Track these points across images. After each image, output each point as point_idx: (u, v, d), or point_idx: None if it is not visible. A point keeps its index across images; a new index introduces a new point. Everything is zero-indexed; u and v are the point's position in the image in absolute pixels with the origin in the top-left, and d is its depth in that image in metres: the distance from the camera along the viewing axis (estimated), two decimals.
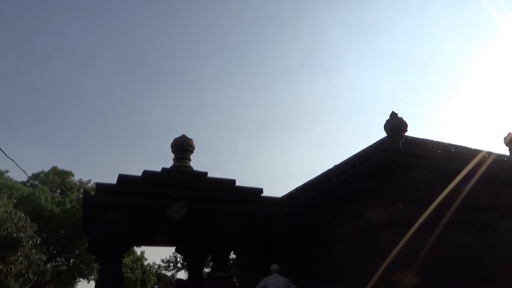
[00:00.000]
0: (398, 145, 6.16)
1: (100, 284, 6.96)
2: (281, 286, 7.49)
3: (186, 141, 9.10)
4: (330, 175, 7.17)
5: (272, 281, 7.57)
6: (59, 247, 18.36)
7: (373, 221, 6.64)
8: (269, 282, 7.56)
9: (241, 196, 8.23)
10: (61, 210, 17.84)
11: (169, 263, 37.58)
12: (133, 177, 7.93)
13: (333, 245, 7.78)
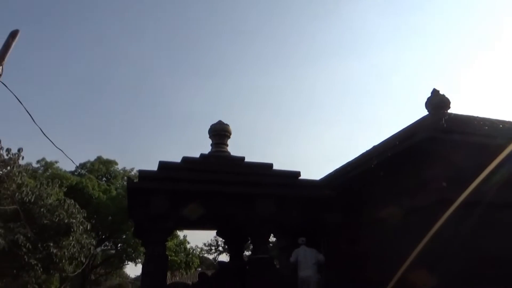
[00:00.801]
0: (441, 122, 5.92)
1: (147, 266, 7.24)
2: (310, 256, 8.02)
3: (223, 127, 9.20)
4: (370, 155, 7.02)
5: (302, 252, 8.10)
6: (107, 232, 19.28)
7: (415, 201, 6.47)
8: (299, 254, 8.08)
9: (279, 179, 8.26)
10: (108, 197, 18.67)
11: (210, 247, 38.66)
12: (173, 163, 8.13)
13: (373, 227, 7.67)
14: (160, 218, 7.17)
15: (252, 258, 7.83)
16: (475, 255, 5.82)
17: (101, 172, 20.94)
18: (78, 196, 15.91)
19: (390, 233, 7.11)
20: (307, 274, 8.06)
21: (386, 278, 6.94)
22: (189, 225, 10.17)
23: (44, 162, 19.79)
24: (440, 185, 6.04)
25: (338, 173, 8.11)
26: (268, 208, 7.65)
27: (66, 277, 17.18)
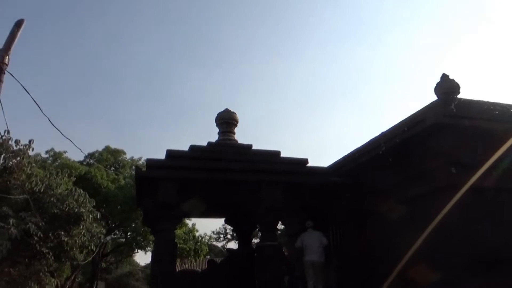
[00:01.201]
0: (450, 107, 5.84)
1: (156, 254, 7.31)
2: (314, 240, 8.29)
3: (230, 115, 9.17)
4: (378, 142, 6.96)
5: (307, 237, 8.41)
6: (117, 221, 19.50)
7: (424, 187, 6.44)
8: (304, 238, 8.40)
9: (287, 166, 8.24)
10: (116, 186, 18.83)
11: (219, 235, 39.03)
12: (180, 152, 8.14)
13: (382, 213, 7.66)
14: (168, 206, 7.21)
15: (260, 245, 7.88)
16: (484, 241, 5.79)
17: (109, 162, 21.09)
18: (87, 185, 16.07)
19: (398, 218, 7.09)
20: (312, 258, 8.30)
21: (394, 264, 6.96)
22: (198, 213, 10.23)
23: (52, 152, 19.97)
24: (449, 170, 5.99)
25: (346, 160, 8.07)
26: (276, 195, 7.65)
27: (77, 265, 17.46)
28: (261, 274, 7.71)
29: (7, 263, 9.76)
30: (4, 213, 8.36)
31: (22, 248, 9.52)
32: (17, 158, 9.77)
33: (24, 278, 9.92)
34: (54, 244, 9.60)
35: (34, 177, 9.67)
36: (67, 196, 10.07)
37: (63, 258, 10.47)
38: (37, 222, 8.58)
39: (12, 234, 7.62)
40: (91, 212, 10.27)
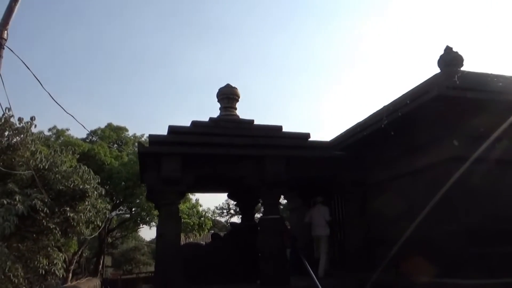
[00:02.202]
0: (454, 79, 5.79)
1: (161, 227, 7.44)
2: (320, 216, 8.84)
3: (231, 90, 9.15)
4: (381, 115, 6.94)
5: (315, 212, 9.00)
6: (121, 197, 19.73)
7: (427, 160, 6.47)
8: (312, 213, 9.05)
9: (289, 141, 8.27)
10: (120, 163, 18.95)
11: (222, 210, 39.55)
12: (182, 127, 8.17)
13: (384, 186, 7.74)
14: (171, 181, 7.29)
15: (263, 218, 7.99)
16: (486, 213, 5.86)
17: (112, 139, 21.15)
18: (91, 162, 16.19)
19: (401, 191, 7.17)
20: (318, 233, 8.81)
21: (397, 236, 7.07)
22: (201, 188, 10.36)
23: (55, 130, 20.03)
24: (452, 143, 6.00)
25: (348, 134, 8.08)
26: (278, 169, 7.71)
27: (84, 241, 17.81)
28: (263, 246, 7.85)
29: (15, 239, 9.94)
30: (10, 189, 8.45)
31: (29, 224, 9.67)
32: (21, 136, 9.80)
33: (33, 253, 10.11)
34: (61, 219, 9.72)
35: (39, 154, 9.71)
36: (72, 173, 10.14)
37: (70, 233, 10.62)
38: (43, 199, 8.67)
39: (18, 210, 7.72)
40: (95, 188, 10.35)
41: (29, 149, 9.62)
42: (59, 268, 9.91)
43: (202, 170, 7.65)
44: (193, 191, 11.03)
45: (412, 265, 6.41)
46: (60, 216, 9.60)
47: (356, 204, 8.31)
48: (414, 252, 6.54)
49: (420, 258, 6.35)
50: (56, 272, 9.85)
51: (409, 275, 6.33)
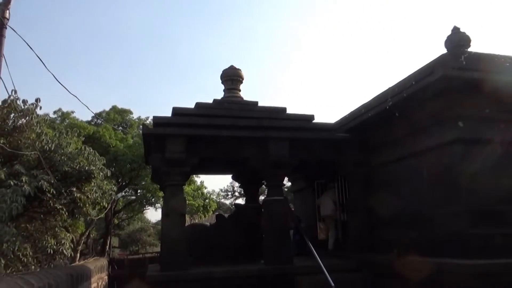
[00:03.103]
0: (460, 60, 5.71)
1: (165, 208, 7.53)
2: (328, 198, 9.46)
3: (235, 72, 9.12)
4: (385, 96, 6.89)
5: (324, 195, 9.67)
6: (127, 179, 19.90)
7: (431, 141, 6.45)
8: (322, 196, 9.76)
9: (293, 123, 8.26)
10: (125, 145, 19.04)
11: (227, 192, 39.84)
12: (187, 109, 8.17)
13: (387, 168, 7.74)
14: (176, 162, 7.34)
15: (267, 200, 8.06)
16: (489, 193, 5.86)
17: (117, 122, 21.19)
18: (96, 145, 16.26)
19: (405, 173, 7.18)
20: (325, 213, 9.47)
21: (400, 217, 7.12)
22: (205, 170, 10.42)
23: (60, 112, 20.09)
24: (456, 124, 5.97)
25: (353, 116, 8.04)
26: (281, 151, 7.73)
27: (91, 222, 18.06)
28: (267, 227, 7.94)
29: (24, 219, 10.10)
30: (17, 171, 8.53)
31: (36, 205, 9.80)
32: (26, 118, 9.84)
33: (41, 233, 10.28)
34: (67, 200, 9.83)
35: (44, 136, 9.76)
36: (77, 154, 10.19)
37: (76, 214, 10.75)
38: (49, 180, 8.75)
39: (25, 191, 7.82)
40: (101, 169, 10.42)
41: (35, 131, 9.67)
42: (67, 248, 10.08)
43: (206, 151, 7.69)
44: (197, 173, 11.09)
45: (414, 246, 6.47)
46: (67, 197, 9.70)
47: (359, 186, 8.34)
48: (416, 233, 6.60)
49: (422, 238, 6.42)
50: (64, 251, 10.02)
51: (411, 255, 6.39)
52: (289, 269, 7.46)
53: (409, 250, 6.47)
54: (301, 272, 7.44)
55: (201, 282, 7.03)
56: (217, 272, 7.14)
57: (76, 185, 9.93)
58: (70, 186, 9.71)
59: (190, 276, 7.03)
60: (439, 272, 5.62)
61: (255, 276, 7.29)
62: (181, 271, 7.06)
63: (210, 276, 7.06)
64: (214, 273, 7.10)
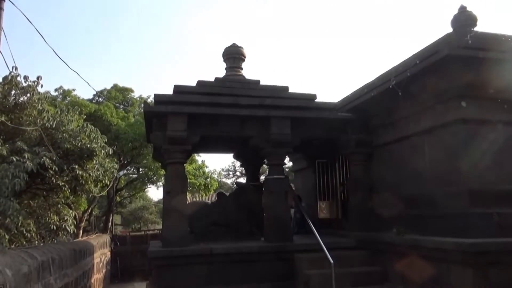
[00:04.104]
0: (466, 39, 5.62)
1: (167, 186, 7.58)
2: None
3: (237, 50, 9.03)
4: (389, 75, 6.82)
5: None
6: (128, 158, 19.96)
7: (434, 121, 6.42)
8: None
9: (295, 102, 8.22)
10: (126, 124, 19.02)
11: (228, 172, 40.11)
12: (188, 87, 8.12)
13: (389, 148, 7.74)
14: (177, 140, 7.34)
15: (268, 178, 8.09)
16: (493, 174, 5.87)
17: (118, 100, 21.12)
18: (98, 123, 16.23)
19: (407, 153, 7.18)
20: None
21: (401, 196, 7.16)
22: (206, 149, 10.44)
23: (61, 90, 20.02)
24: (460, 104, 5.93)
25: (355, 95, 7.98)
26: (283, 130, 7.73)
27: (93, 199, 18.23)
28: (268, 205, 8.01)
29: (27, 196, 10.20)
30: (19, 147, 8.55)
31: (39, 182, 9.88)
32: (27, 95, 9.82)
33: (44, 210, 10.40)
34: (69, 177, 9.89)
35: (46, 113, 9.76)
36: (79, 132, 10.21)
37: (79, 191, 10.84)
38: (51, 157, 8.79)
39: (28, 167, 7.86)
40: (103, 147, 10.45)
41: (36, 108, 9.66)
42: (69, 224, 10.23)
43: (207, 130, 7.69)
44: (199, 151, 11.12)
45: (414, 225, 6.53)
46: (69, 174, 9.77)
47: (360, 165, 8.35)
48: (416, 212, 6.65)
49: (423, 218, 6.47)
50: (67, 228, 10.16)
51: (410, 234, 6.46)
52: (289, 247, 7.55)
53: (409, 229, 6.54)
54: (301, 249, 7.54)
55: (201, 258, 7.14)
56: (218, 249, 7.23)
57: (78, 162, 9.98)
58: (72, 163, 9.76)
59: (191, 252, 7.13)
60: (438, 250, 5.69)
61: (255, 253, 7.39)
62: (182, 247, 7.16)
63: (211, 253, 7.16)
64: (214, 250, 7.20)
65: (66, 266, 6.91)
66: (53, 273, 5.87)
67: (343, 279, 6.69)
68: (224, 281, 7.15)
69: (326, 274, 6.51)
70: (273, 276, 7.32)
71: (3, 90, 9.50)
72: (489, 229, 5.51)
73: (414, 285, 6.24)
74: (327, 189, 9.79)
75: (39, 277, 5.14)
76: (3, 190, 7.40)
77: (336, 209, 9.56)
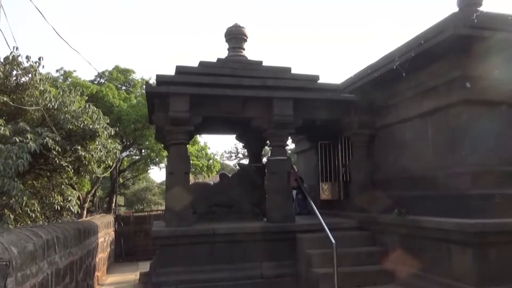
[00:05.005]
0: (471, 18, 5.53)
1: (169, 167, 7.61)
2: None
3: (239, 30, 8.93)
4: (393, 56, 6.75)
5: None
6: (131, 139, 20.00)
7: (437, 102, 6.39)
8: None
9: (297, 83, 8.17)
10: (128, 105, 18.96)
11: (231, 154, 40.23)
12: (190, 67, 8.08)
13: (392, 129, 7.72)
14: (179, 121, 7.34)
15: (270, 159, 8.11)
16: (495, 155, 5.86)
17: (120, 81, 21.01)
18: (100, 104, 16.19)
19: (409, 134, 7.16)
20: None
21: (403, 177, 7.18)
22: (209, 130, 10.43)
23: (63, 71, 19.91)
24: (464, 85, 5.88)
25: (359, 76, 7.92)
26: (286, 111, 7.70)
27: (97, 181, 18.36)
28: (270, 186, 8.05)
29: (30, 176, 10.27)
30: (22, 128, 8.56)
31: (42, 162, 9.93)
32: (29, 75, 9.77)
33: (48, 190, 10.48)
34: (73, 158, 9.93)
35: (48, 93, 9.73)
36: (81, 113, 10.19)
37: (82, 172, 10.88)
38: (54, 137, 8.80)
39: (31, 147, 7.88)
40: (105, 128, 10.44)
41: (38, 89, 9.63)
42: (73, 204, 10.31)
43: (209, 110, 7.67)
44: (201, 133, 11.12)
45: (416, 206, 6.57)
46: (72, 155, 9.81)
47: (363, 147, 8.35)
48: (418, 193, 6.68)
49: (424, 199, 6.50)
50: (71, 208, 10.25)
51: (411, 214, 6.50)
52: (291, 227, 7.63)
53: (410, 210, 6.58)
54: (302, 229, 7.61)
55: (204, 237, 7.22)
56: (221, 229, 7.31)
57: (81, 143, 10.00)
58: (74, 144, 9.78)
59: (193, 232, 7.22)
60: (438, 231, 5.73)
61: (257, 233, 7.47)
62: (184, 227, 7.24)
63: (214, 232, 7.24)
64: (217, 230, 7.27)
65: (71, 245, 7.02)
66: (58, 252, 5.96)
67: (345, 258, 6.77)
68: (227, 260, 7.26)
69: (328, 253, 6.58)
70: (275, 256, 7.42)
71: (4, 71, 9.46)
72: (490, 210, 5.53)
73: (415, 265, 6.32)
74: (329, 170, 9.81)
75: (45, 255, 5.23)
76: (7, 171, 7.44)
77: (338, 190, 9.60)
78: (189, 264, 7.06)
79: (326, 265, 6.63)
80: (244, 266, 7.24)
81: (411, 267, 6.40)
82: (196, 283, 6.87)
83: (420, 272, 6.17)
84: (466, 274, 5.35)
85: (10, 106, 9.19)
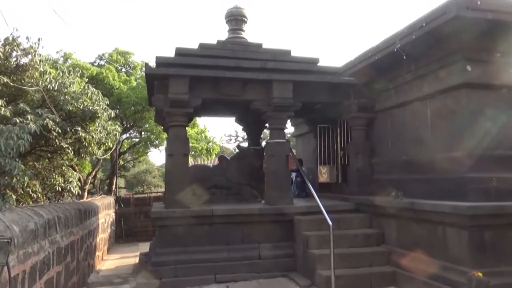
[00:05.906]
0: (475, 0, 5.47)
1: (169, 149, 7.65)
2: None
3: (239, 11, 8.86)
4: (394, 38, 6.70)
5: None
6: (131, 121, 19.96)
7: (438, 85, 6.37)
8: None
9: (297, 65, 8.14)
10: (128, 87, 18.87)
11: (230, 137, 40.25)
12: (190, 49, 8.04)
13: (391, 112, 7.72)
14: (178, 103, 7.34)
15: (269, 142, 8.14)
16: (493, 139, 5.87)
17: (120, 63, 20.85)
18: (100, 86, 16.11)
19: (409, 117, 7.17)
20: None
21: (401, 160, 7.22)
22: (208, 112, 10.44)
23: (62, 52, 19.74)
24: (465, 68, 5.85)
25: (359, 59, 7.87)
26: (285, 94, 7.69)
27: (97, 163, 18.43)
28: (269, 169, 8.10)
29: (31, 158, 10.32)
30: (22, 109, 8.56)
31: (43, 144, 9.96)
32: (28, 56, 9.71)
33: (49, 171, 10.55)
34: (73, 140, 9.96)
35: (48, 75, 9.68)
36: (81, 94, 10.16)
37: (82, 153, 10.93)
38: (54, 119, 8.81)
39: (31, 128, 7.89)
40: (105, 109, 10.43)
41: (38, 70, 9.58)
42: (74, 186, 10.39)
43: (209, 93, 7.66)
44: (200, 115, 11.10)
45: (413, 189, 6.62)
46: (72, 137, 9.83)
47: (362, 130, 8.37)
48: (416, 177, 6.72)
49: (422, 182, 6.55)
50: (71, 189, 10.34)
51: (408, 197, 6.56)
52: (289, 209, 7.70)
53: (408, 193, 6.63)
54: (301, 212, 7.69)
55: (203, 219, 7.31)
56: (219, 210, 7.39)
57: (81, 124, 10.01)
58: (75, 125, 9.79)
59: (192, 213, 7.30)
60: (435, 213, 5.79)
61: (256, 214, 7.55)
62: (183, 208, 7.31)
63: (212, 214, 7.32)
64: (216, 211, 7.35)
65: (71, 225, 7.11)
66: (59, 231, 6.05)
67: (341, 240, 6.87)
68: (225, 241, 7.36)
69: (325, 235, 6.67)
70: (273, 237, 7.52)
71: (4, 51, 9.40)
72: (487, 193, 5.58)
73: (411, 247, 6.41)
74: (328, 153, 9.86)
75: (46, 234, 5.31)
76: (8, 151, 7.47)
77: (336, 174, 9.66)
78: (188, 245, 7.16)
79: (322, 247, 6.73)
80: (242, 247, 7.34)
81: (407, 249, 6.49)
82: (194, 263, 6.99)
83: (416, 254, 6.26)
84: (462, 256, 5.43)
85: (11, 87, 9.16)
